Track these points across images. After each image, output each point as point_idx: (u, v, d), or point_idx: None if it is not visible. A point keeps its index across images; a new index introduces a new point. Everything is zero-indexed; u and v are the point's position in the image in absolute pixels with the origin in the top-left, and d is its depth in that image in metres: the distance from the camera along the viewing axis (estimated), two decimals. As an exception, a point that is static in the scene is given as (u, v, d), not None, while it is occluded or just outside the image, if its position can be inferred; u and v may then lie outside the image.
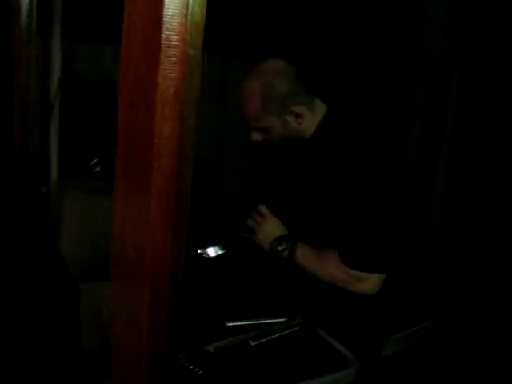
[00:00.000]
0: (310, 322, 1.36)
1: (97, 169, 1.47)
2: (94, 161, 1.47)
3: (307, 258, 1.51)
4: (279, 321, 1.35)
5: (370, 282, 1.45)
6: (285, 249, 1.53)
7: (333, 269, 1.46)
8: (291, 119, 1.51)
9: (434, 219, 2.50)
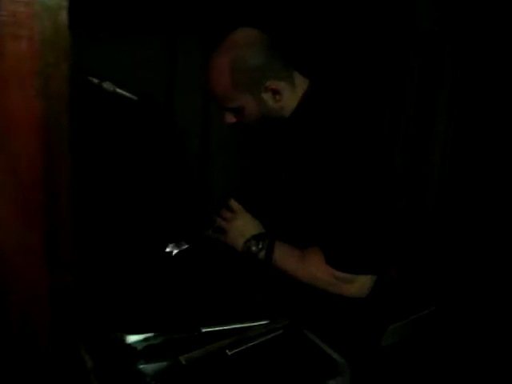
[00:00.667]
0: (296, 323, 1.21)
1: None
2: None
3: (287, 258, 1.35)
4: (261, 324, 1.20)
5: (358, 285, 1.29)
6: (261, 249, 1.36)
7: (316, 270, 1.30)
8: (267, 97, 1.33)
9: (430, 203, 2.35)
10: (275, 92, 1.32)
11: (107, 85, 1.36)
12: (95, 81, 1.39)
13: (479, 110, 2.18)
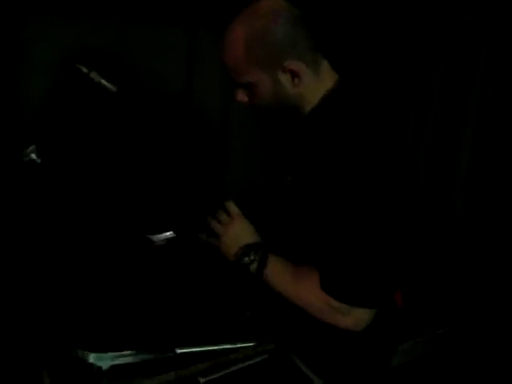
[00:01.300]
0: (283, 347, 1.07)
1: (32, 156, 1.22)
2: (30, 147, 1.22)
3: (279, 274, 1.20)
4: (244, 346, 1.07)
5: (353, 318, 1.12)
6: (253, 260, 1.21)
7: (308, 294, 1.14)
8: (285, 79, 1.15)
9: (456, 205, 2.16)
10: (294, 74, 1.16)
11: (94, 74, 1.25)
12: (84, 70, 1.29)
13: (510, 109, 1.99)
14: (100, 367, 0.98)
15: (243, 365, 1.01)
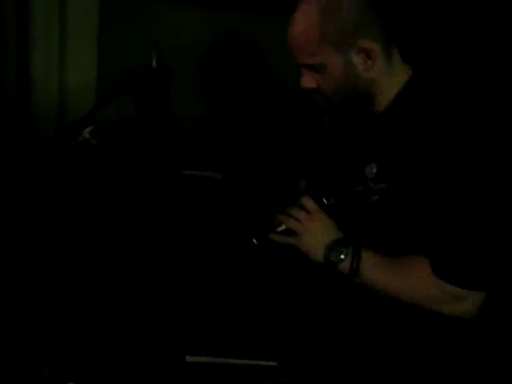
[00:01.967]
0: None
1: (92, 141, 1.22)
2: (86, 129, 1.22)
3: (379, 269, 1.12)
4: (264, 365, 1.00)
5: (469, 302, 1.08)
6: (344, 257, 1.12)
7: (419, 283, 1.09)
8: (357, 60, 1.11)
9: None
10: (368, 56, 1.11)
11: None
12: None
13: None
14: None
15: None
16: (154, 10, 2.06)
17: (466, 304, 1.08)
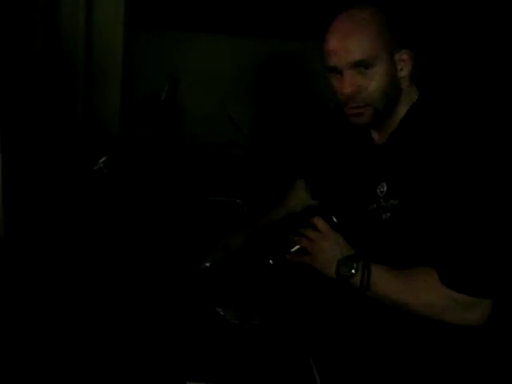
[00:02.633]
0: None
1: (104, 170, 1.28)
2: (101, 159, 1.28)
3: (388, 281, 1.13)
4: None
5: (480, 310, 1.08)
6: (355, 272, 1.14)
7: (428, 293, 1.09)
8: (398, 66, 1.19)
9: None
10: (404, 62, 1.19)
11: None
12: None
13: None
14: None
15: None
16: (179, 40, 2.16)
17: (476, 312, 1.07)
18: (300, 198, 1.63)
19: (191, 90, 1.80)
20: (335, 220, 1.23)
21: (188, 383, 1.00)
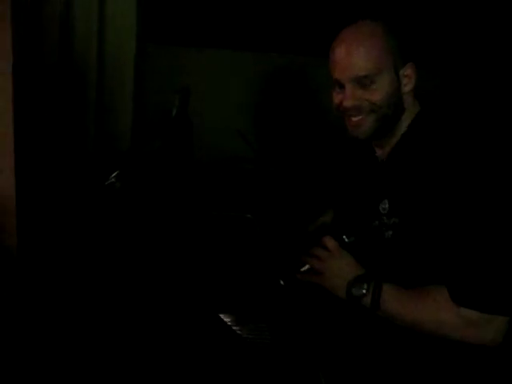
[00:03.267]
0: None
1: (116, 184, 1.28)
2: (113, 174, 1.29)
3: (398, 301, 1.12)
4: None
5: (493, 328, 1.04)
6: (366, 292, 1.13)
7: (438, 311, 1.07)
8: (402, 80, 1.20)
9: None
10: (409, 79, 1.20)
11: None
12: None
13: None
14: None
15: None
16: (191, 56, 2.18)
17: (489, 331, 1.04)
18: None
19: (200, 105, 1.81)
20: (346, 240, 1.23)
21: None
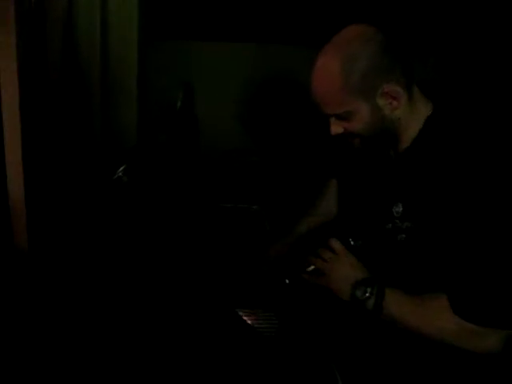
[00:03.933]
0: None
1: (124, 178, 1.30)
2: (120, 168, 1.30)
3: (400, 305, 1.12)
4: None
5: (492, 339, 1.05)
6: (369, 296, 1.14)
7: (438, 319, 1.08)
8: (382, 103, 1.13)
9: None
10: (392, 98, 1.13)
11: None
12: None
13: None
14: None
15: None
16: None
17: (488, 341, 1.05)
18: (334, 198, 1.62)
19: (204, 98, 1.82)
20: (352, 243, 1.24)
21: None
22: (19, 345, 1.10)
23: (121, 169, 1.30)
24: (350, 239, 1.24)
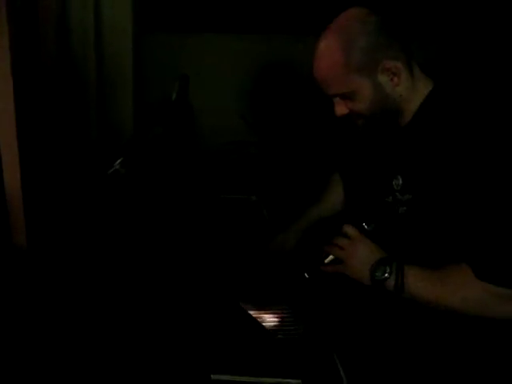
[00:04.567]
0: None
1: (121, 171, 1.29)
2: (117, 161, 1.29)
3: (423, 282, 1.12)
4: (288, 382, 1.01)
5: None
6: (388, 275, 1.13)
7: (463, 289, 1.07)
8: (384, 79, 1.16)
9: None
10: (393, 73, 1.16)
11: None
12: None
13: None
14: None
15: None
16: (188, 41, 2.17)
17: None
18: (338, 192, 1.62)
19: (201, 91, 1.81)
20: (366, 227, 1.23)
21: (213, 376, 1.01)
22: (18, 342, 1.10)
23: (118, 161, 1.29)
24: (364, 223, 1.23)
